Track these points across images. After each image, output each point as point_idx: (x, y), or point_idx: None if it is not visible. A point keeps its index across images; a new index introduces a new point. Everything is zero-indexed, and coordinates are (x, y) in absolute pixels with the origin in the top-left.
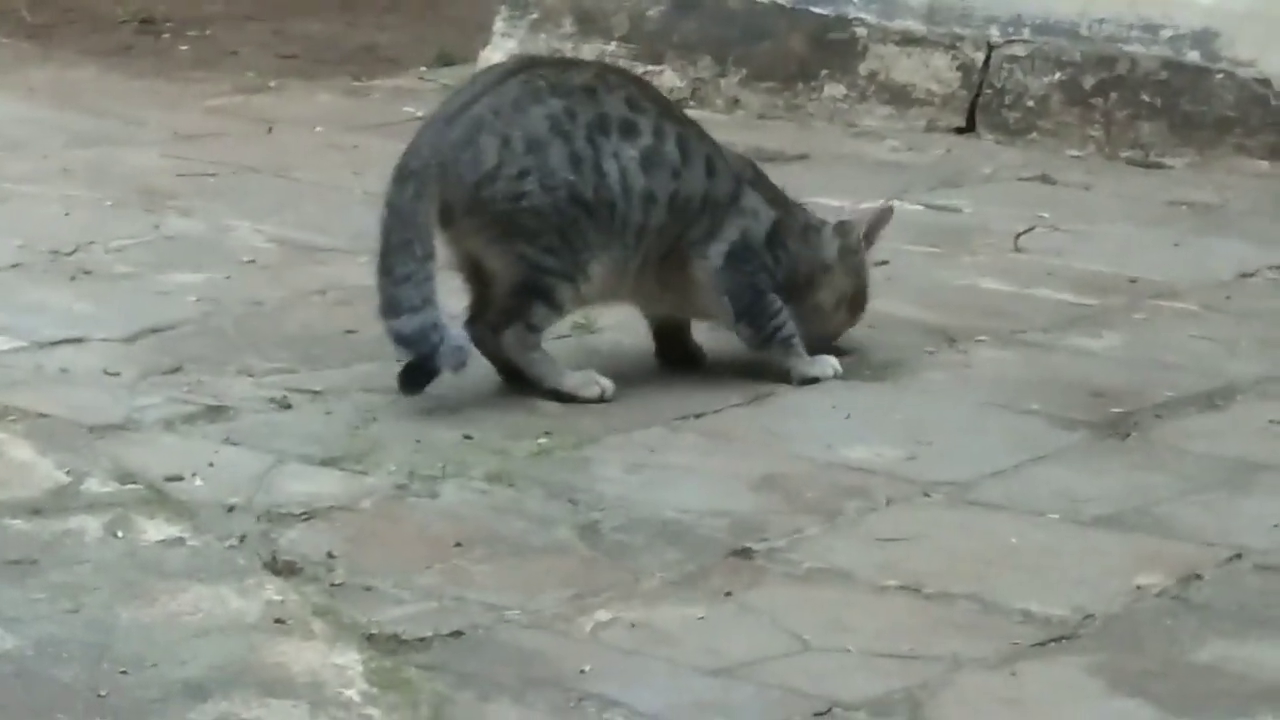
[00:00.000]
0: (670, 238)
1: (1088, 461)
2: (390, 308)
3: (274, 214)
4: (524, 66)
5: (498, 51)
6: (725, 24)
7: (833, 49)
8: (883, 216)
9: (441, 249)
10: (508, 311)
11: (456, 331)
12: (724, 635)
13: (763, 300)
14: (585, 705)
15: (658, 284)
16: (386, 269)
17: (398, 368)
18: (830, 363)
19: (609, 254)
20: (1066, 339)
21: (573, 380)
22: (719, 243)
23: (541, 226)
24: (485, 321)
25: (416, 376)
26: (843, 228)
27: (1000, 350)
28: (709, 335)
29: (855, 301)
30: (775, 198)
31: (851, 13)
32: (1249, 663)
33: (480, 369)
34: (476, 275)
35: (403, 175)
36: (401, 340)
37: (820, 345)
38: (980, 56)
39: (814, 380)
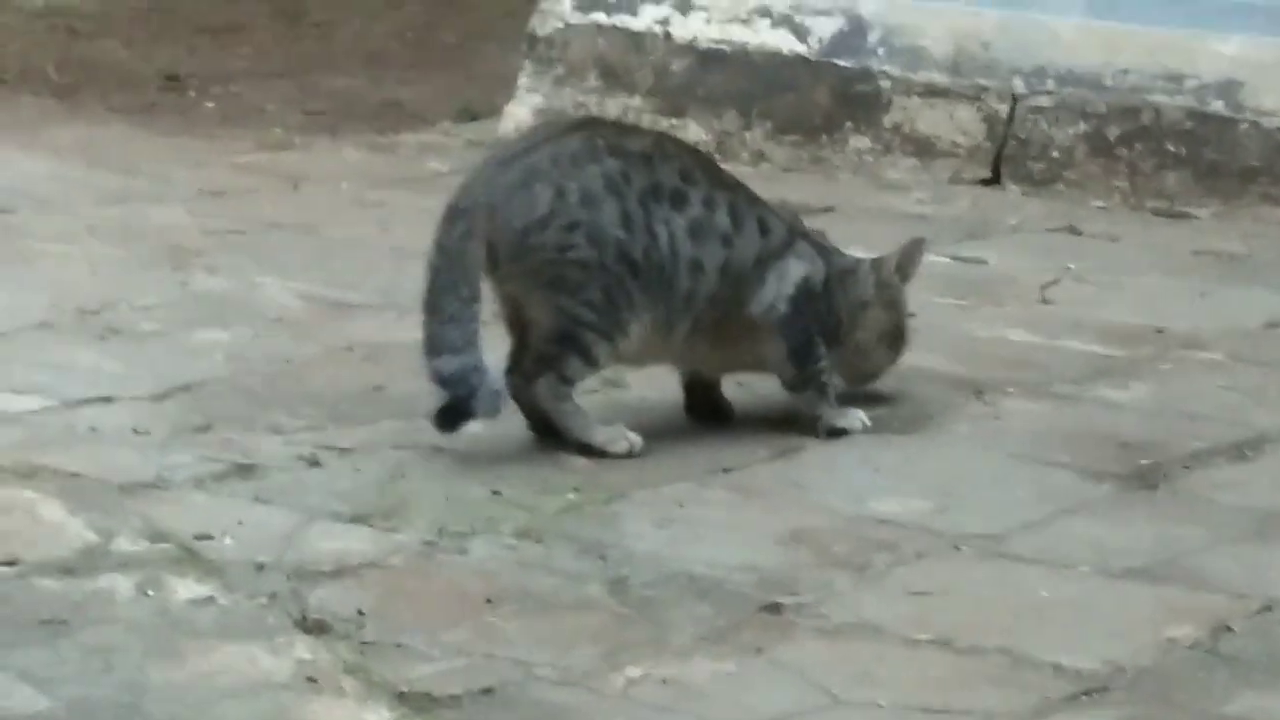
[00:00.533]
0: (725, 301)
1: (1117, 513)
2: (433, 347)
3: (301, 271)
4: (586, 124)
5: (522, 106)
6: (749, 77)
7: (857, 101)
8: (915, 249)
9: (487, 294)
10: (542, 360)
11: (494, 375)
12: (754, 691)
13: (812, 344)
14: None
15: (711, 344)
16: (432, 308)
17: (432, 411)
18: (858, 415)
19: (652, 316)
20: (1094, 390)
21: (602, 435)
22: (784, 286)
23: (585, 281)
24: (520, 370)
25: (451, 417)
26: (877, 264)
27: (1028, 402)
28: (737, 391)
29: (894, 336)
30: (822, 247)
31: (875, 65)
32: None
33: (509, 425)
34: (518, 323)
35: (453, 215)
36: (441, 380)
37: (862, 384)
38: (1005, 108)
39: (842, 432)
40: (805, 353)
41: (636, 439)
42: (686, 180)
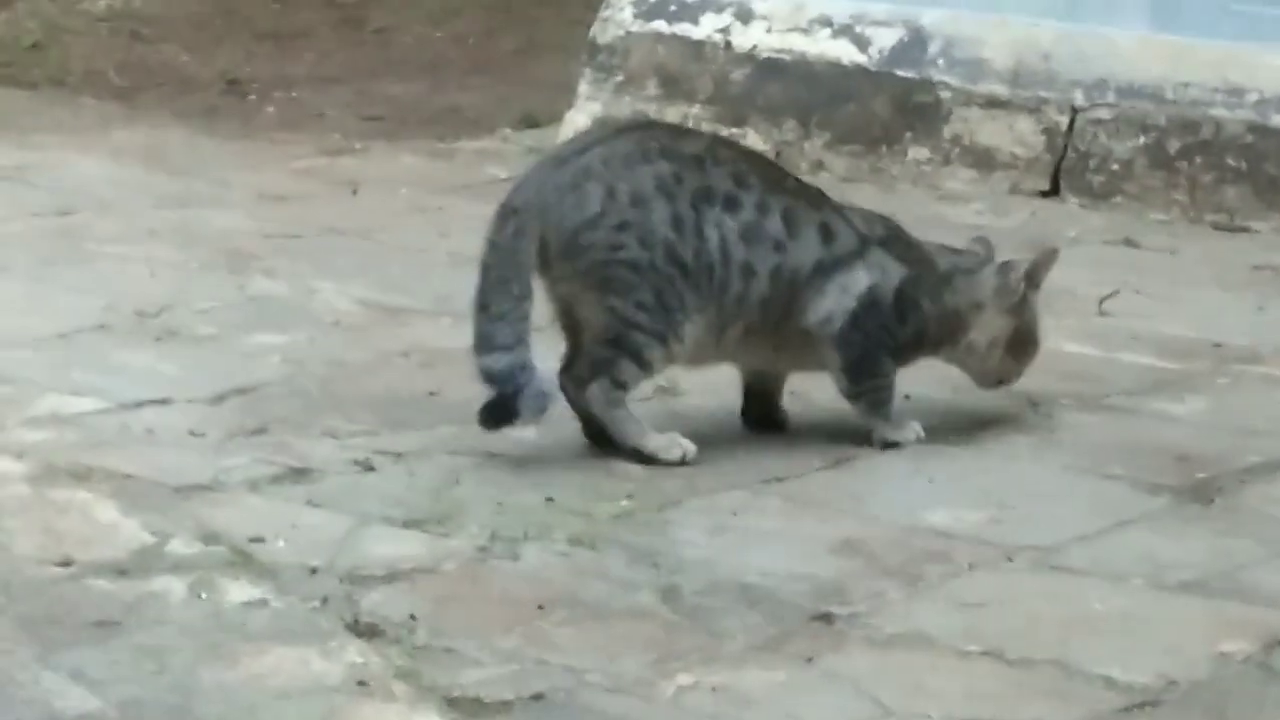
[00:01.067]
0: (781, 307)
1: (1172, 527)
2: (483, 343)
3: (358, 276)
4: (641, 126)
5: (582, 114)
6: (809, 87)
7: (917, 112)
8: (1047, 258)
9: (540, 296)
10: (596, 365)
11: (545, 375)
12: (805, 700)
13: (871, 358)
14: None
15: (769, 346)
16: (483, 305)
17: (478, 408)
18: (914, 428)
19: (704, 317)
20: (1150, 403)
21: (655, 442)
22: (845, 299)
23: (636, 282)
24: (574, 374)
25: (496, 415)
26: (1004, 267)
27: (1084, 414)
28: (790, 400)
29: (1017, 343)
30: (910, 255)
31: (935, 76)
32: None
33: (561, 432)
34: (571, 324)
35: (505, 212)
36: (489, 377)
37: (989, 387)
38: (1065, 120)
39: (895, 445)
40: (862, 367)
41: (690, 446)
42: (740, 184)
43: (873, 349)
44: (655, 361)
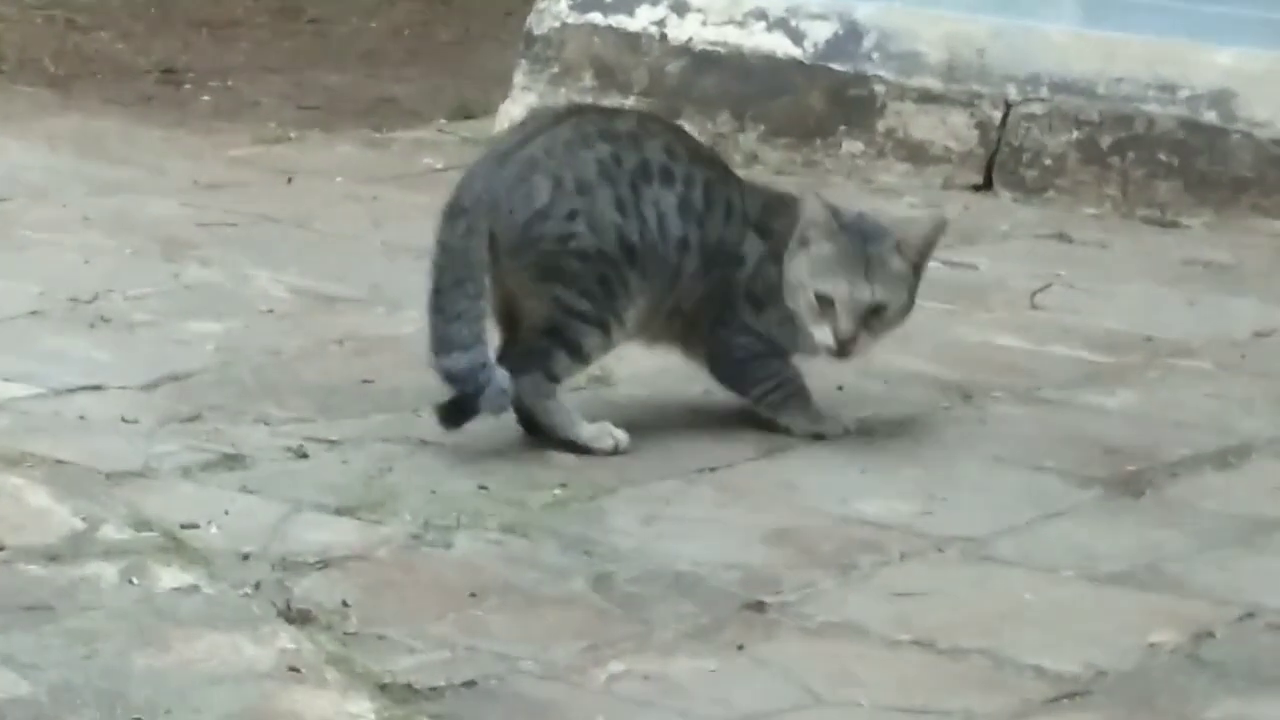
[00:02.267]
0: (700, 285)
1: (1102, 519)
2: (441, 345)
3: (293, 264)
4: (575, 111)
5: (517, 105)
6: (744, 80)
7: (851, 106)
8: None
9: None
10: (529, 355)
11: (501, 373)
12: (736, 688)
13: (742, 369)
14: None
15: (676, 337)
16: (438, 306)
17: (438, 407)
18: (839, 420)
19: (645, 300)
20: (1082, 396)
21: (587, 432)
22: (715, 301)
23: (583, 270)
24: (506, 365)
25: (458, 413)
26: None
27: (1015, 407)
28: (724, 390)
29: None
30: (770, 226)
31: (870, 70)
32: None
33: (497, 421)
34: (510, 316)
35: (454, 212)
36: (450, 378)
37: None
38: (998, 114)
39: (820, 437)
40: (736, 379)
41: (622, 436)
42: (671, 156)
43: (740, 359)
44: (592, 351)
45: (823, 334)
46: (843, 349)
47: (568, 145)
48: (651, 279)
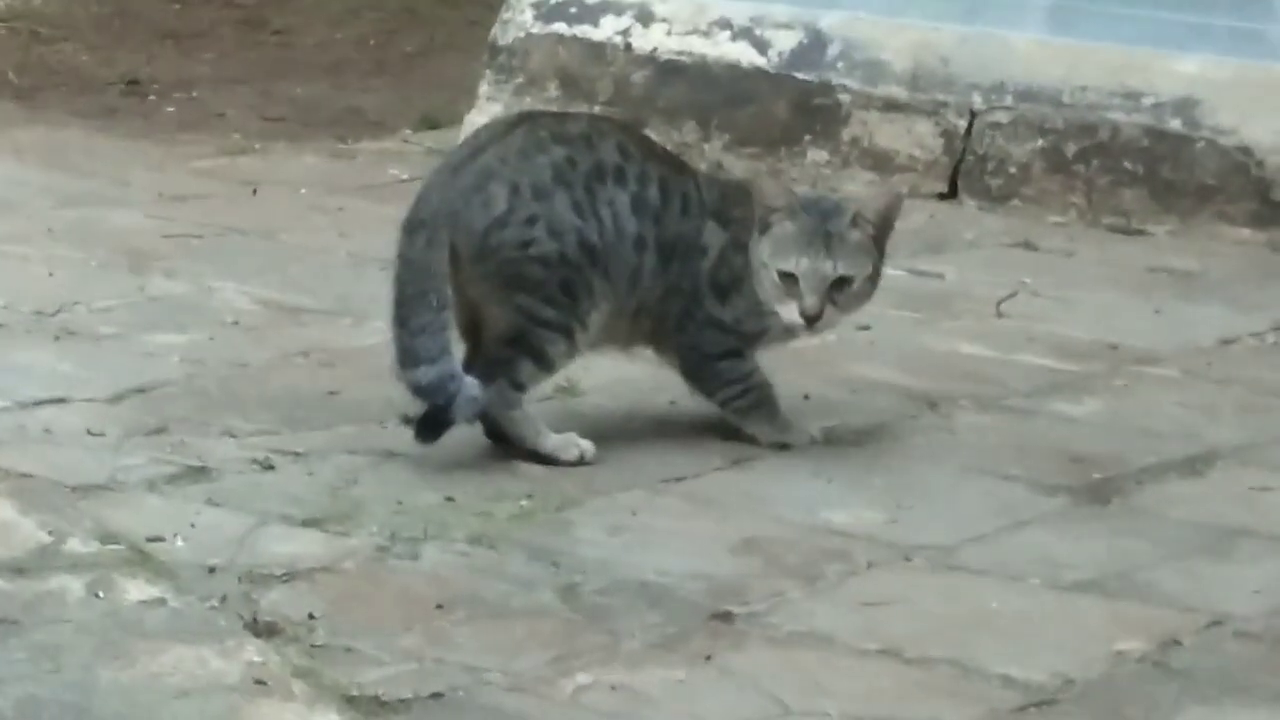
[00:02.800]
0: (660, 282)
1: (1068, 527)
2: (408, 359)
3: (259, 275)
4: (526, 119)
5: (482, 115)
6: (709, 89)
7: (816, 114)
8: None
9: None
10: (493, 364)
11: (470, 381)
12: (704, 698)
13: (709, 366)
14: None
15: (647, 337)
16: (402, 320)
17: (413, 423)
18: (804, 430)
19: (608, 303)
20: (1048, 405)
21: (552, 442)
22: (676, 297)
23: (545, 276)
24: (472, 374)
25: (433, 426)
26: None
27: (982, 415)
28: (691, 399)
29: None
30: (731, 215)
31: (835, 79)
32: None
33: (461, 431)
34: (473, 326)
35: (413, 226)
36: (419, 391)
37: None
38: (963, 123)
39: (785, 446)
40: (702, 376)
41: (588, 446)
42: (624, 155)
43: (704, 355)
44: (557, 358)
45: (788, 311)
46: (810, 323)
47: (521, 152)
48: (614, 280)
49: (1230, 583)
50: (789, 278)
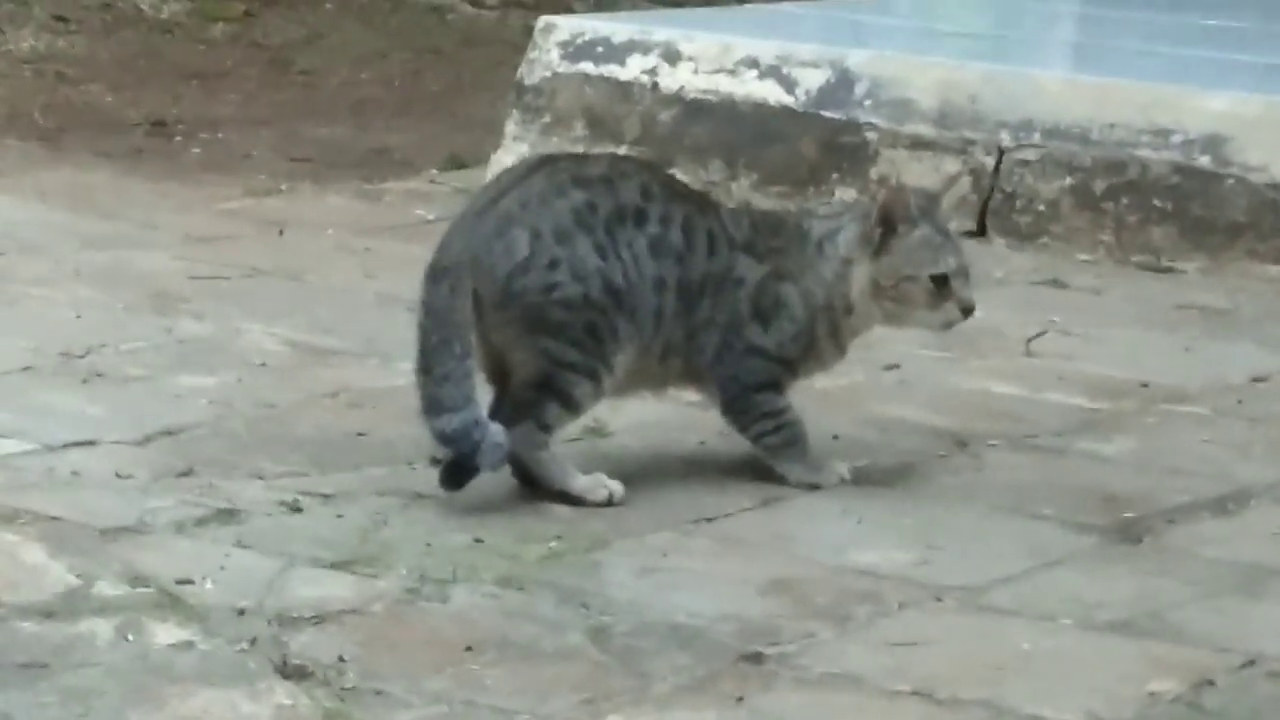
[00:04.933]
0: (684, 324)
1: (1100, 567)
2: (432, 407)
3: (286, 317)
4: (546, 161)
5: (509, 154)
6: (736, 127)
7: (843, 153)
8: (894, 195)
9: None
10: (520, 407)
11: (495, 428)
12: None
13: (747, 398)
14: None
15: (680, 377)
16: (426, 368)
17: (439, 472)
18: (835, 469)
19: (633, 344)
20: (1078, 443)
21: (580, 483)
22: (711, 331)
23: (569, 320)
24: (499, 418)
25: (458, 474)
26: (859, 214)
27: (1012, 455)
28: (720, 439)
29: (892, 286)
30: (770, 243)
31: (862, 117)
32: None
33: (489, 474)
34: (499, 372)
35: (436, 273)
36: (444, 439)
37: (935, 329)
38: (991, 161)
39: (815, 487)
40: (740, 408)
41: (617, 487)
42: (645, 196)
43: (744, 386)
44: (583, 399)
45: (948, 312)
46: (970, 312)
47: (542, 196)
48: (639, 322)
49: (1263, 622)
50: (940, 280)
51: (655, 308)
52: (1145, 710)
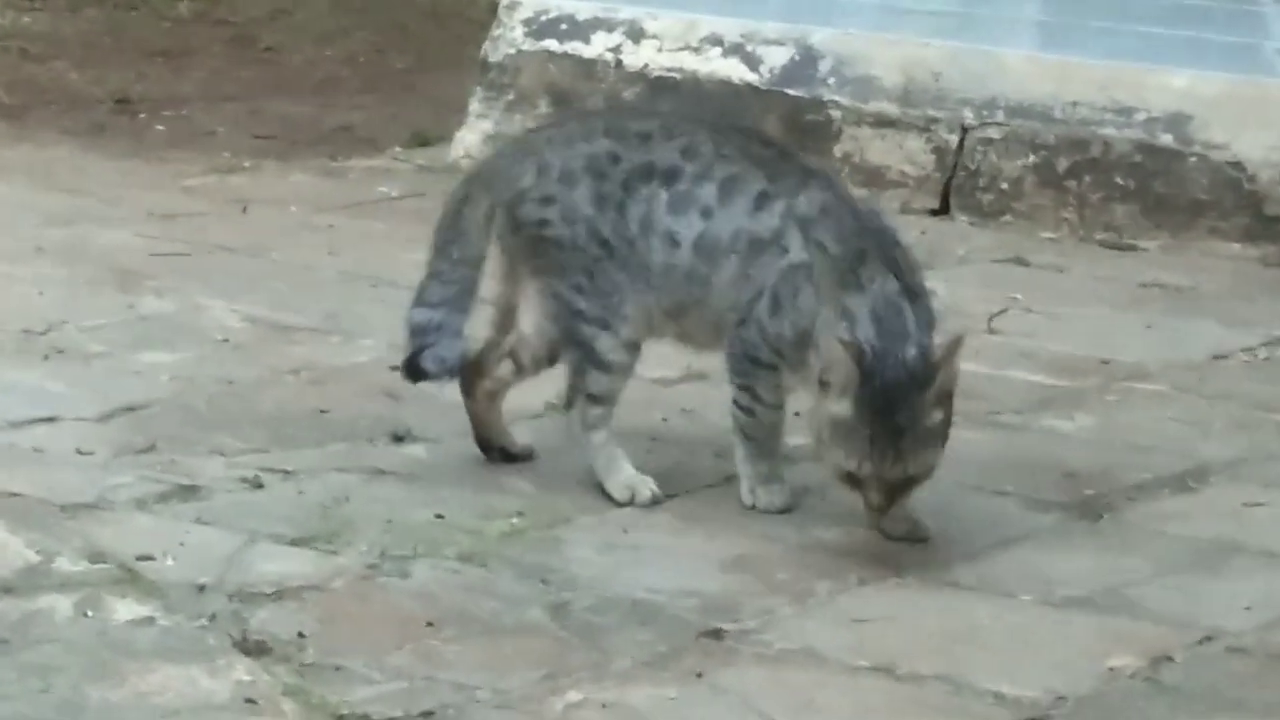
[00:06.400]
0: (698, 285)
1: (1060, 543)
2: (416, 296)
3: (248, 293)
4: (607, 111)
5: (473, 132)
6: (701, 105)
7: (807, 131)
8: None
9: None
10: (571, 382)
11: (450, 343)
12: (695, 716)
13: (745, 361)
14: None
15: (712, 334)
16: (427, 262)
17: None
18: (784, 494)
19: (636, 295)
20: (1040, 421)
21: (621, 485)
22: (744, 287)
23: (568, 262)
24: (561, 402)
25: (412, 369)
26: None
27: (974, 431)
28: (683, 416)
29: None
30: (819, 241)
31: (826, 95)
32: None
33: (452, 449)
34: (508, 309)
35: (463, 181)
36: (409, 328)
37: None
38: (954, 139)
39: (752, 508)
40: (737, 365)
41: (646, 494)
42: (687, 155)
43: (748, 355)
44: (608, 354)
45: (852, 496)
46: (873, 522)
47: (568, 137)
48: (635, 273)
49: (1222, 598)
50: (848, 476)
51: (663, 262)
52: (1104, 685)
